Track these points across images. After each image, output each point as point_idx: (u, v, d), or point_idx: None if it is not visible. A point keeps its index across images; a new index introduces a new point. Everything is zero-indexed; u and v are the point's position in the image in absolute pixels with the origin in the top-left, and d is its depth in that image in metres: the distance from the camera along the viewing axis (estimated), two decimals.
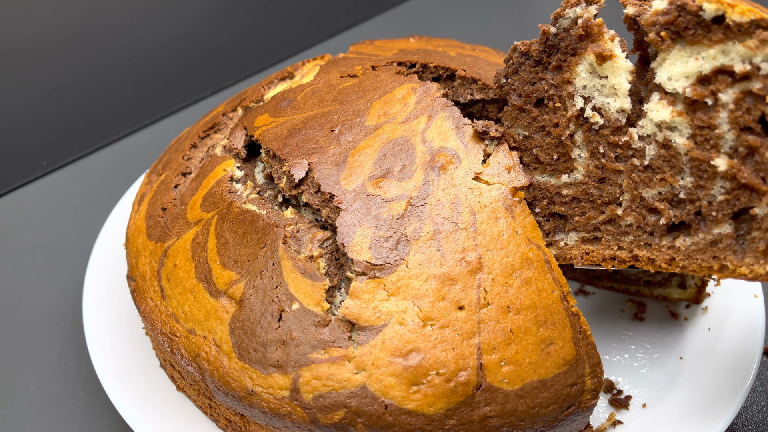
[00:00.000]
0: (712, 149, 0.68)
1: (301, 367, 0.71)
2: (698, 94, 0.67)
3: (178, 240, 0.85)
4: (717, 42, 0.66)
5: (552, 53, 0.76)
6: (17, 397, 0.95)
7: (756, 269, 0.69)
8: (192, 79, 1.60)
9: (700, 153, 0.69)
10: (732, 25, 0.64)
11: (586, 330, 0.73)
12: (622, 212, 0.77)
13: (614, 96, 0.74)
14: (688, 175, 0.71)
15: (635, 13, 0.71)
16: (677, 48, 0.68)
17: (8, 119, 1.29)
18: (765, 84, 0.64)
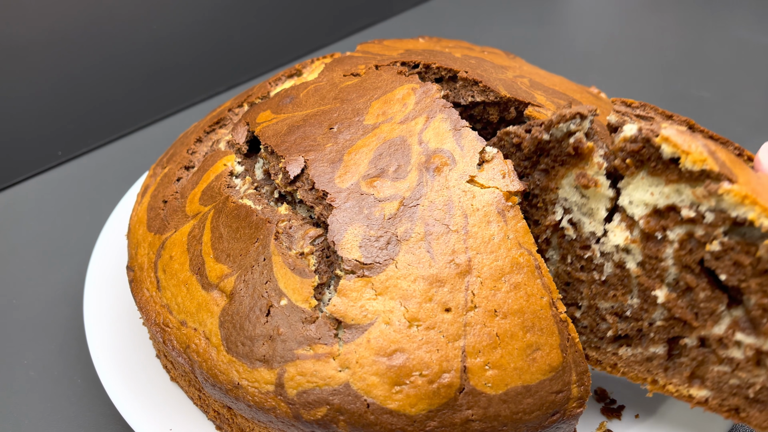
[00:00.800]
0: (657, 279, 0.74)
1: (287, 362, 0.71)
2: (650, 228, 0.72)
3: (175, 232, 0.86)
4: (673, 181, 0.70)
5: (542, 155, 0.79)
6: (18, 380, 0.97)
7: (681, 390, 0.76)
8: (208, 75, 1.61)
9: (646, 280, 0.75)
10: (684, 170, 0.68)
11: (574, 337, 0.72)
12: (580, 315, 0.83)
13: (590, 217, 0.78)
14: (635, 297, 0.77)
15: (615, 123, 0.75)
16: (641, 175, 0.72)
17: (26, 109, 1.32)
18: (707, 232, 0.68)
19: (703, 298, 0.71)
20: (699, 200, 0.67)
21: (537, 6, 2.05)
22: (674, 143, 0.67)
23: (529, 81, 0.97)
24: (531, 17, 1.99)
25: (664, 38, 1.86)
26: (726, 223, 0.66)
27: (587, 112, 0.75)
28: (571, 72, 1.70)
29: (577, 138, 0.75)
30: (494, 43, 1.80)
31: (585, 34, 1.91)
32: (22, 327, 1.05)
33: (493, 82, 0.91)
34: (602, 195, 0.76)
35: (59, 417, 0.92)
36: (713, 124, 1.33)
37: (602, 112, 0.97)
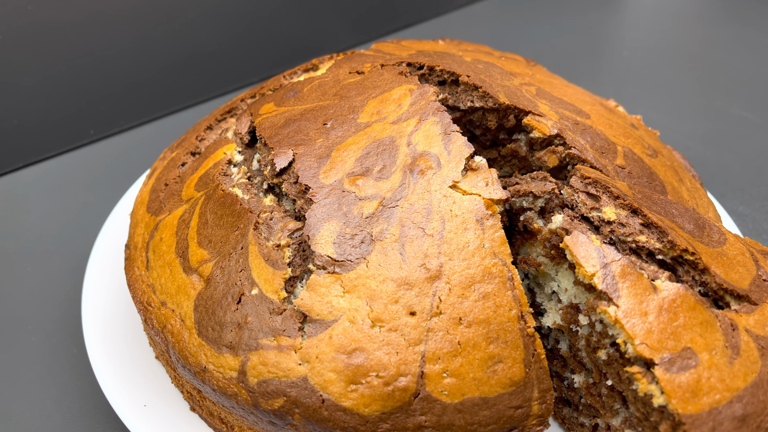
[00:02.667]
0: (578, 364, 0.78)
1: (251, 351, 0.72)
2: (566, 319, 0.75)
3: (169, 215, 0.89)
4: (578, 283, 0.72)
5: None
6: (21, 342, 1.02)
7: None
8: (243, 66, 1.65)
9: (572, 362, 0.78)
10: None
11: (540, 353, 0.70)
12: None
13: (540, 289, 0.81)
14: (568, 372, 0.81)
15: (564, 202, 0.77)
16: (565, 266, 0.75)
17: (62, 87, 1.38)
18: (598, 339, 0.70)
19: (605, 393, 0.73)
20: (590, 310, 0.69)
21: (586, 15, 2.00)
22: (571, 252, 0.69)
23: (536, 89, 0.95)
24: (580, 25, 1.95)
25: (714, 54, 1.78)
26: (610, 337, 0.68)
27: (541, 192, 0.77)
28: (611, 83, 1.66)
29: (526, 216, 0.78)
30: (537, 50, 1.77)
31: (631, 44, 1.85)
32: (29, 294, 1.10)
33: (494, 88, 0.90)
34: (547, 273, 0.78)
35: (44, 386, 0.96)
36: (752, 146, 1.27)
37: (613, 125, 0.94)
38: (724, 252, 0.71)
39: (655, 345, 0.61)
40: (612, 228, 0.72)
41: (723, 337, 0.63)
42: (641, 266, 0.69)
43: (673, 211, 0.75)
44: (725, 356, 0.61)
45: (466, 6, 2.06)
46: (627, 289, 0.65)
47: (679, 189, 0.91)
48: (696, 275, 0.69)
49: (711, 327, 0.63)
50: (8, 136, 1.35)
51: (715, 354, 0.61)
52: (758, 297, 0.67)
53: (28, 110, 1.36)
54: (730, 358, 0.60)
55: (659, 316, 0.63)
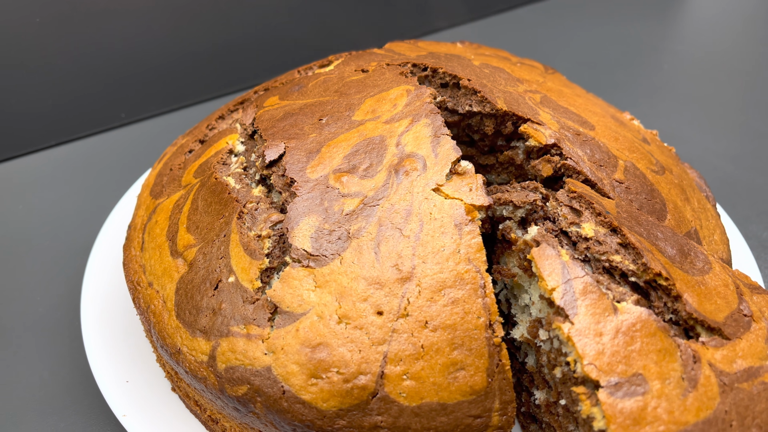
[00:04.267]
0: (542, 381, 0.76)
1: (222, 337, 0.73)
2: (531, 333, 0.74)
3: (166, 199, 0.91)
4: (543, 298, 0.70)
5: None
6: (20, 326, 1.06)
7: None
8: (274, 60, 1.67)
9: (537, 378, 0.77)
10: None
11: (504, 364, 0.69)
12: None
13: (515, 301, 0.80)
14: (535, 388, 0.79)
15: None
16: (536, 279, 0.73)
17: (97, 70, 1.44)
18: (556, 356, 0.69)
19: (561, 413, 0.71)
20: (548, 325, 0.68)
21: (632, 24, 1.95)
22: (536, 265, 0.68)
23: (540, 97, 0.93)
24: (624, 34, 1.90)
25: (759, 73, 1.71)
26: (564, 355, 0.66)
27: (522, 202, 0.76)
28: (645, 95, 1.61)
29: (505, 226, 0.77)
30: (574, 57, 1.74)
31: (672, 58, 1.79)
32: (32, 279, 1.15)
33: (494, 93, 0.89)
34: (521, 285, 0.77)
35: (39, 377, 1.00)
36: None
37: (619, 138, 0.92)
38: (705, 281, 0.68)
39: (604, 367, 0.60)
40: (588, 245, 0.70)
41: (681, 368, 0.60)
42: (609, 286, 0.67)
43: (658, 233, 0.73)
44: (679, 388, 0.58)
45: (510, 10, 2.04)
46: (585, 308, 0.63)
47: (682, 208, 0.88)
48: (668, 302, 0.66)
49: (670, 356, 0.61)
50: (43, 116, 1.41)
51: (668, 384, 0.59)
52: (732, 332, 0.64)
53: (63, 92, 1.42)
54: (685, 391, 0.58)
55: (614, 339, 0.61)
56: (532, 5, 2.05)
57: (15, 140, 1.40)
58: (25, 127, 1.41)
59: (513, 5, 2.06)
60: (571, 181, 0.79)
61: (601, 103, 1.03)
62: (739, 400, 0.60)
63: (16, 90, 1.37)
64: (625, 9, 2.03)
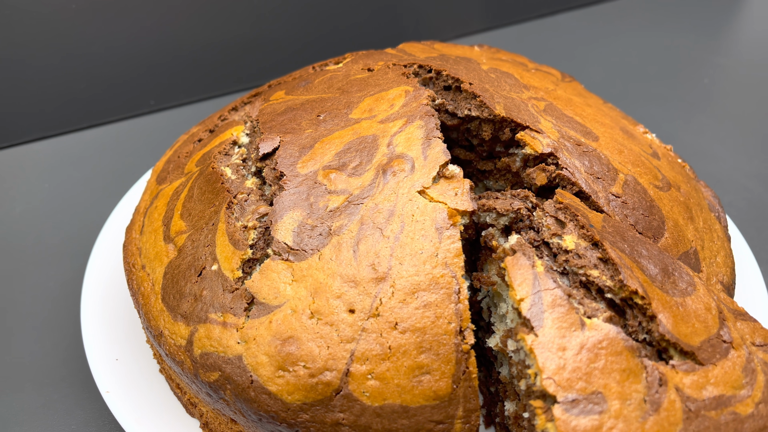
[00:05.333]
0: (513, 392, 0.75)
1: (200, 323, 0.75)
2: (503, 344, 0.73)
3: (168, 186, 0.94)
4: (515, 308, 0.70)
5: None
6: (22, 314, 1.09)
7: None
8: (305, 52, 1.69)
9: (510, 388, 0.76)
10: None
11: (471, 372, 0.68)
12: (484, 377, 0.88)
13: (495, 309, 0.78)
14: (507, 399, 0.78)
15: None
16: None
17: (130, 56, 1.49)
18: (521, 369, 0.68)
19: (526, 426, 0.70)
20: (515, 336, 0.67)
21: (678, 36, 1.89)
22: (508, 274, 0.67)
23: (545, 105, 0.92)
24: (667, 45, 1.84)
25: None
26: (527, 367, 0.65)
27: (505, 210, 0.75)
28: (679, 108, 1.56)
29: (488, 233, 0.76)
30: (609, 66, 1.70)
31: (714, 72, 1.73)
32: (36, 268, 1.19)
33: (494, 98, 0.88)
34: (500, 294, 0.76)
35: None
36: None
37: (624, 151, 0.89)
38: (685, 303, 0.66)
39: (562, 382, 0.58)
40: (567, 257, 0.69)
41: (645, 390, 0.58)
42: (582, 301, 0.65)
43: (642, 251, 0.70)
44: (639, 410, 0.57)
45: (551, 15, 2.00)
46: (552, 321, 0.62)
47: (684, 227, 0.85)
48: (643, 321, 0.64)
49: (634, 377, 0.59)
50: (77, 99, 1.47)
51: (628, 405, 0.57)
52: (707, 357, 0.62)
53: (97, 75, 1.47)
54: (645, 414, 0.56)
55: (578, 354, 0.60)
56: (573, 12, 2.01)
57: (49, 121, 1.46)
58: (59, 109, 1.46)
59: (554, 11, 2.02)
60: (560, 192, 0.78)
61: (613, 115, 1.01)
62: (703, 428, 0.58)
63: (52, 72, 1.43)
64: (670, 19, 1.97)
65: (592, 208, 0.81)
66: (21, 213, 1.27)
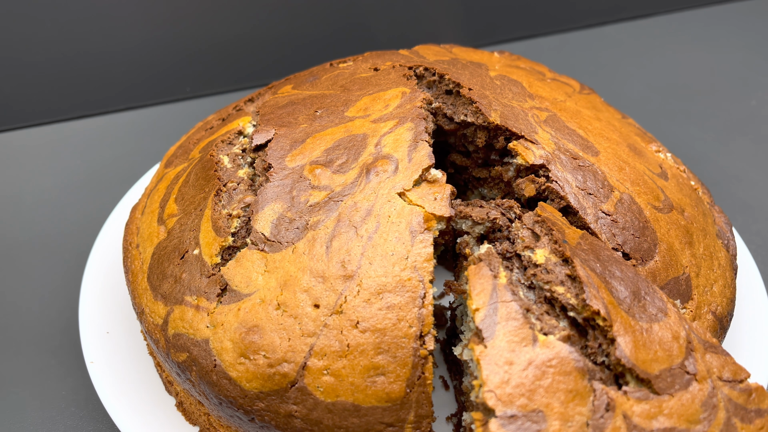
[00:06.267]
0: (470, 403, 0.74)
1: (176, 304, 0.77)
2: (463, 354, 0.71)
3: (172, 170, 0.97)
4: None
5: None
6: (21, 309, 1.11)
7: None
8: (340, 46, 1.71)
9: (468, 398, 0.76)
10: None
11: (426, 377, 0.68)
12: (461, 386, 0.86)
13: (465, 317, 0.77)
14: (466, 411, 0.77)
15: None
16: None
17: (171, 42, 1.54)
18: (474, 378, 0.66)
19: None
20: (468, 346, 0.66)
21: (731, 53, 1.82)
22: (469, 282, 0.67)
23: (548, 116, 0.90)
24: (718, 61, 1.77)
25: None
26: (475, 378, 0.64)
27: (480, 219, 0.74)
28: (718, 128, 1.50)
29: (462, 240, 0.76)
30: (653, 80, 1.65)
31: (765, 94, 1.65)
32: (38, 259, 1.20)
33: (492, 105, 0.86)
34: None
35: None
36: None
37: (625, 169, 0.87)
38: (651, 329, 0.63)
39: (503, 396, 0.57)
40: (536, 272, 0.68)
41: (589, 413, 0.57)
42: (540, 317, 0.64)
43: (616, 272, 0.68)
44: None
45: (596, 27, 1.96)
46: (504, 334, 0.61)
47: (679, 251, 0.82)
48: (604, 343, 0.62)
49: (580, 399, 0.57)
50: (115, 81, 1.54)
51: (569, 426, 0.55)
52: (664, 387, 0.59)
53: (137, 60, 1.53)
54: None
55: (524, 370, 0.59)
56: (621, 24, 1.95)
57: (88, 101, 1.53)
58: (99, 90, 1.53)
59: (602, 22, 1.97)
60: (542, 205, 0.76)
61: (624, 131, 0.98)
62: None
63: (95, 55, 1.50)
64: (722, 36, 1.89)
65: (578, 224, 0.79)
66: (49, 188, 1.33)
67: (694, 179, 1.00)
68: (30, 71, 1.49)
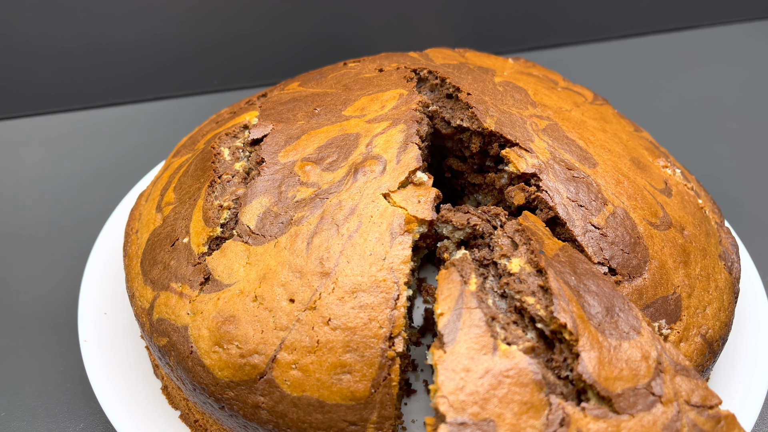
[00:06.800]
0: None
1: (162, 290, 0.79)
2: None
3: (178, 159, 0.99)
4: None
5: None
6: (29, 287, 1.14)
7: None
8: None
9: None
10: None
11: (392, 379, 0.68)
12: None
13: None
14: None
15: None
16: None
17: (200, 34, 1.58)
18: None
19: None
20: (430, 351, 0.66)
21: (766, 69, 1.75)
22: (438, 286, 0.67)
23: (548, 125, 0.88)
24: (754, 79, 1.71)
25: None
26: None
27: (460, 224, 0.73)
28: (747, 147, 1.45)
29: (442, 245, 0.75)
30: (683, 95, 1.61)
31: None
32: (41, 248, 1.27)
33: (489, 111, 0.86)
34: None
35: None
36: None
37: (622, 182, 0.85)
38: (620, 347, 0.62)
39: (456, 403, 0.57)
40: (509, 281, 0.67)
41: (542, 427, 0.56)
42: (506, 326, 0.63)
43: (591, 286, 0.67)
44: None
45: (634, 37, 1.91)
46: (464, 341, 0.61)
47: (672, 270, 0.79)
48: (569, 357, 0.61)
49: (534, 412, 0.57)
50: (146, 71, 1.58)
51: None
52: (626, 406, 0.58)
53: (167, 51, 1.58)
54: None
55: (481, 378, 0.58)
56: (660, 35, 1.91)
57: (117, 90, 1.58)
58: (127, 79, 1.58)
59: (641, 32, 1.93)
60: (526, 214, 0.75)
61: (631, 144, 0.95)
62: None
63: (126, 44, 1.55)
64: (759, 53, 1.82)
65: (566, 235, 0.78)
66: (72, 172, 1.38)
67: (703, 197, 0.97)
68: (63, 57, 1.55)
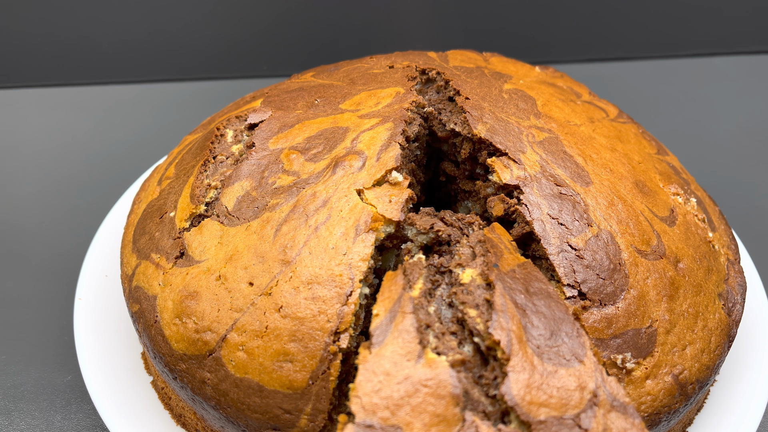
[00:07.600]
0: None
1: (143, 259, 0.83)
2: None
3: (192, 137, 1.03)
4: None
5: None
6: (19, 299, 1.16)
7: None
8: None
9: None
10: None
11: (331, 373, 0.68)
12: None
13: None
14: None
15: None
16: None
17: (255, 20, 1.62)
18: None
19: None
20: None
21: None
22: (382, 285, 0.68)
23: (546, 138, 0.85)
24: None
25: None
26: None
27: (424, 228, 0.73)
28: None
29: (405, 247, 0.74)
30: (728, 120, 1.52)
31: None
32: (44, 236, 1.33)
33: (483, 118, 0.84)
34: None
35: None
36: None
37: (615, 205, 0.81)
38: (555, 373, 0.59)
39: (368, 405, 0.56)
40: (457, 290, 0.65)
41: None
42: (440, 335, 0.62)
43: (541, 308, 0.64)
44: None
45: (704, 57, 1.81)
46: (392, 344, 0.60)
47: (652, 303, 0.75)
48: (499, 377, 0.59)
49: (445, 425, 0.55)
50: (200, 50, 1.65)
51: None
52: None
53: (224, 32, 1.63)
54: None
55: (399, 384, 0.57)
56: (732, 57, 1.79)
57: (173, 66, 1.66)
58: (183, 58, 1.65)
59: (712, 53, 1.82)
60: (495, 226, 0.73)
61: (642, 167, 0.90)
62: None
63: (184, 22, 1.61)
64: None
65: (539, 253, 0.75)
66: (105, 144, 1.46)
67: (720, 231, 0.91)
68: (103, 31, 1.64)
